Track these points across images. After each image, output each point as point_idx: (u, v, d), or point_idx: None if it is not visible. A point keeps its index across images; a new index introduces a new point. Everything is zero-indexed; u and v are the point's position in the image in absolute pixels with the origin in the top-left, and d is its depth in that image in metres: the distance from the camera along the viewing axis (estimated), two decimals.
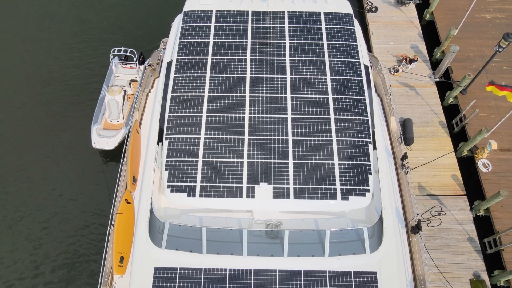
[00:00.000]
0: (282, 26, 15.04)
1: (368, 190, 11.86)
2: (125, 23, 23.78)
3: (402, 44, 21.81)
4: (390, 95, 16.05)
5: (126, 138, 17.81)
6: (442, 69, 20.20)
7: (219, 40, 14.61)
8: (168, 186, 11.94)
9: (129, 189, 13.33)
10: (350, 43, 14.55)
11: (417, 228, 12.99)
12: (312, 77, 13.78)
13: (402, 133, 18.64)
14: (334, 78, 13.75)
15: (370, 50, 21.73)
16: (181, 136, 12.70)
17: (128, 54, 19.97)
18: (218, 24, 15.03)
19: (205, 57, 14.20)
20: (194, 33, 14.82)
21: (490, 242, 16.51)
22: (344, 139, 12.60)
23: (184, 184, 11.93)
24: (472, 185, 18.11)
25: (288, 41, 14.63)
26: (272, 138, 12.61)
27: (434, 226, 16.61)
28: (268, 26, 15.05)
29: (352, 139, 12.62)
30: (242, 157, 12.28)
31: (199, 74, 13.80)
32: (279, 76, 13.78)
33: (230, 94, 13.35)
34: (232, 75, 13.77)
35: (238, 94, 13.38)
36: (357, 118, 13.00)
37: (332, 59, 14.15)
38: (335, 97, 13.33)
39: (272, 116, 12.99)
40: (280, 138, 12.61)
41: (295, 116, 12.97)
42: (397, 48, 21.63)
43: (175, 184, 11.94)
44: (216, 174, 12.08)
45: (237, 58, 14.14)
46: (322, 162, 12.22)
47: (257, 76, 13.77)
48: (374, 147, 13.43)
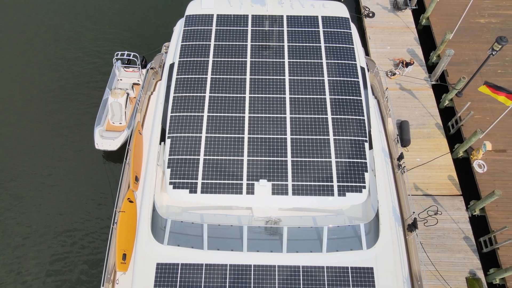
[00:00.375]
0: (281, 29, 15.49)
1: (364, 187, 12.20)
2: (127, 28, 24.26)
3: (398, 48, 22.26)
4: (387, 97, 16.44)
5: (128, 139, 18.19)
6: (438, 72, 20.63)
7: (220, 43, 15.05)
8: (170, 183, 12.28)
9: (131, 188, 13.64)
10: (347, 46, 14.99)
11: (413, 226, 13.27)
12: (310, 78, 14.21)
13: (399, 134, 19.02)
14: (331, 79, 14.16)
15: (368, 54, 22.18)
16: (183, 135, 13.08)
17: (131, 58, 20.39)
18: (219, 27, 15.49)
19: (206, 59, 14.64)
20: (196, 36, 15.27)
21: (486, 241, 16.79)
22: (341, 138, 12.97)
23: (186, 181, 12.27)
24: (467, 185, 18.45)
25: (286, 43, 15.07)
26: (271, 137, 13.00)
27: (431, 226, 16.91)
28: (267, 29, 15.50)
29: (348, 138, 13.00)
30: (242, 155, 12.64)
31: (201, 76, 14.22)
32: (278, 77, 14.20)
33: (231, 95, 13.76)
34: (232, 77, 14.19)
35: (238, 95, 13.78)
36: (353, 117, 13.39)
37: (329, 61, 14.58)
38: (332, 97, 13.73)
39: (271, 115, 13.38)
40: (279, 137, 12.99)
41: (294, 115, 13.37)
42: (394, 52, 22.09)
43: (177, 181, 12.29)
44: (217, 171, 12.44)
45: (237, 60, 14.57)
46: (319, 160, 12.59)
47: (256, 77, 14.19)
48: (371, 147, 13.78)
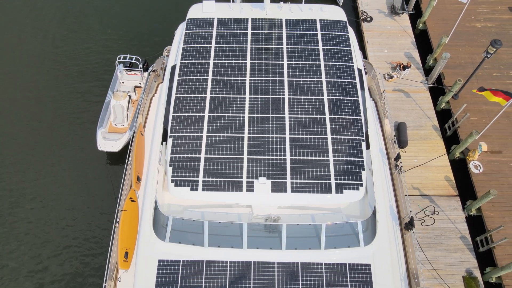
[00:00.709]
0: (280, 32, 15.87)
1: (361, 185, 12.50)
2: (129, 32, 24.66)
3: (396, 52, 22.64)
4: (384, 99, 16.77)
5: (130, 140, 18.51)
6: (434, 75, 20.99)
7: (221, 45, 15.42)
8: (172, 181, 12.58)
9: (133, 188, 13.91)
10: (344, 48, 15.36)
11: (410, 224, 13.53)
12: (308, 79, 14.55)
13: (396, 136, 19.34)
14: (329, 80, 14.52)
15: (366, 58, 22.56)
16: (184, 134, 13.40)
17: (133, 61, 20.78)
18: (219, 30, 15.87)
19: (207, 61, 15.00)
20: (197, 39, 15.64)
21: (482, 240, 17.04)
22: (338, 137, 13.29)
23: (187, 179, 12.57)
24: (464, 186, 18.73)
25: (285, 46, 15.44)
26: (270, 136, 13.31)
27: (428, 225, 17.16)
28: (267, 32, 15.88)
29: (346, 137, 13.31)
30: (242, 153, 12.95)
31: (202, 77, 14.57)
32: (277, 78, 14.55)
33: (231, 95, 14.10)
34: (233, 78, 14.54)
35: (239, 96, 14.13)
36: (350, 117, 13.71)
37: (327, 63, 14.93)
38: (330, 98, 14.07)
39: (270, 115, 13.71)
40: (278, 136, 13.31)
41: (292, 115, 13.70)
42: (391, 55, 22.47)
43: (179, 179, 12.59)
44: (217, 169, 12.74)
45: (237, 62, 14.93)
46: (317, 158, 12.89)
47: (256, 78, 14.54)
48: (368, 147, 14.09)
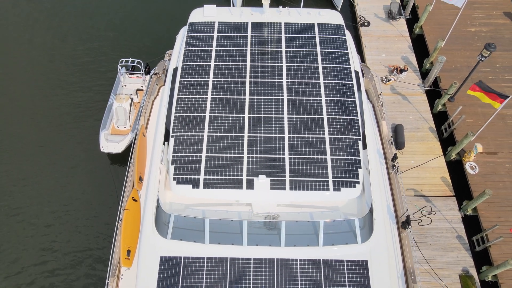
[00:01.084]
0: (279, 35, 16.30)
1: (358, 182, 12.83)
2: (131, 36, 25.12)
3: (393, 55, 23.07)
4: (381, 102, 17.15)
5: (133, 141, 18.85)
6: (431, 78, 21.39)
7: (221, 48, 15.84)
8: (174, 179, 12.91)
9: (136, 187, 14.21)
10: (342, 51, 15.77)
11: (406, 223, 13.82)
12: (306, 81, 14.95)
13: (394, 138, 19.69)
14: (326, 82, 14.91)
15: (364, 61, 22.97)
16: (186, 134, 13.76)
17: (135, 65, 21.17)
18: (220, 34, 16.30)
19: (208, 63, 15.40)
20: (198, 42, 16.06)
21: (478, 240, 17.32)
22: (335, 136, 13.65)
23: (189, 177, 12.91)
24: (460, 186, 19.04)
25: (284, 49, 15.86)
26: (270, 135, 13.68)
27: (425, 225, 17.45)
28: (266, 36, 16.31)
29: (343, 137, 13.67)
30: (242, 152, 13.30)
31: (203, 79, 14.97)
32: (276, 80, 14.95)
33: (232, 97, 14.49)
34: (233, 80, 14.93)
35: (239, 97, 14.51)
36: (347, 117, 14.09)
37: (325, 65, 15.34)
38: (328, 99, 14.46)
39: (270, 116, 14.09)
40: (277, 135, 13.67)
41: (291, 116, 14.07)
42: (388, 59, 22.89)
43: (181, 177, 12.92)
44: (218, 168, 13.08)
45: (237, 64, 15.33)
46: (315, 157, 13.24)
47: (256, 80, 14.94)
48: (365, 146, 14.43)
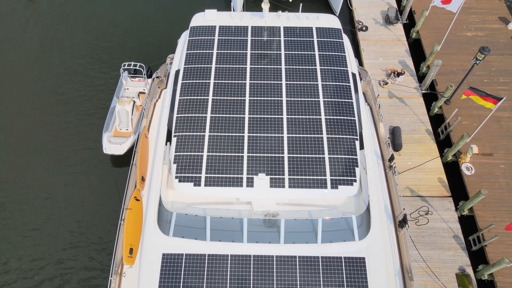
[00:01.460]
0: (278, 39, 16.73)
1: (355, 180, 13.17)
2: (134, 41, 25.56)
3: (390, 59, 23.49)
4: (379, 104, 17.52)
5: (135, 143, 19.20)
6: (427, 81, 21.79)
7: (222, 51, 16.27)
8: (176, 177, 13.25)
9: (138, 187, 14.54)
10: (339, 54, 16.19)
11: (403, 222, 14.11)
12: (305, 83, 15.36)
13: (391, 139, 20.05)
14: (324, 84, 15.31)
15: (361, 65, 23.39)
16: (188, 134, 14.13)
17: (137, 68, 21.57)
18: (221, 37, 16.73)
19: (209, 65, 15.82)
20: (200, 45, 16.50)
21: (475, 239, 17.60)
22: (333, 136, 14.02)
23: (190, 175, 13.24)
24: (456, 187, 19.37)
25: (283, 52, 16.28)
26: (269, 135, 14.04)
27: (422, 225, 17.73)
28: (265, 39, 16.74)
29: (340, 136, 14.04)
30: (243, 152, 13.66)
31: (204, 80, 15.37)
32: (276, 82, 15.35)
33: (232, 98, 14.89)
34: (233, 81, 15.34)
35: (239, 98, 14.91)
36: (345, 118, 14.47)
37: (323, 68, 15.75)
38: (326, 100, 14.85)
39: (269, 116, 14.47)
40: (276, 135, 14.04)
41: (290, 116, 14.46)
42: (386, 63, 23.31)
43: (183, 175, 13.26)
44: (219, 166, 13.43)
45: (238, 66, 15.75)
46: (314, 156, 13.60)
47: (256, 82, 15.34)
48: (362, 147, 14.79)
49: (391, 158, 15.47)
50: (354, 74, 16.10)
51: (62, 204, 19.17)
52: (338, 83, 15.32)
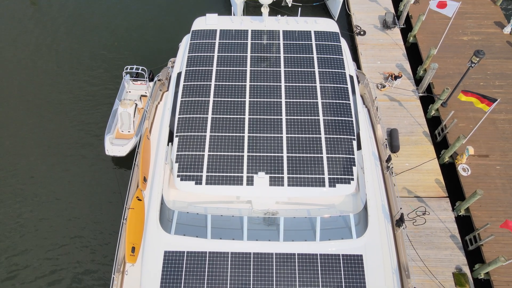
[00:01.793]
0: (277, 42, 17.14)
1: (352, 179, 13.48)
2: (136, 45, 25.97)
3: (388, 63, 23.89)
4: (376, 106, 17.87)
5: (137, 144, 19.52)
6: (424, 84, 22.17)
7: (223, 54, 16.66)
8: (178, 176, 13.56)
9: (140, 187, 14.84)
10: (337, 57, 16.59)
11: (400, 221, 14.40)
12: (303, 84, 15.73)
13: (389, 141, 20.38)
14: (322, 85, 15.69)
15: (360, 68, 23.78)
16: (189, 134, 14.48)
17: (139, 72, 21.96)
18: (222, 41, 17.14)
19: (210, 68, 16.21)
20: (201, 48, 16.89)
21: (471, 239, 17.86)
22: (331, 136, 14.37)
23: (192, 174, 13.57)
24: (453, 188, 19.66)
25: (282, 55, 16.68)
26: (269, 135, 14.39)
27: (419, 225, 18.00)
28: (265, 42, 17.15)
29: (338, 136, 14.39)
30: (243, 151, 14.00)
31: (205, 82, 15.75)
32: (275, 84, 15.73)
33: (233, 99, 15.26)
34: (234, 83, 15.72)
35: (239, 99, 15.27)
36: (342, 119, 14.82)
37: (321, 70, 16.14)
38: (324, 101, 15.22)
39: (269, 117, 14.82)
40: (276, 135, 14.38)
41: (289, 117, 14.82)
42: (383, 66, 23.71)
43: (184, 174, 13.58)
44: (220, 165, 13.75)
45: (238, 69, 16.14)
46: (312, 155, 13.93)
47: (255, 84, 15.72)
48: (359, 147, 15.12)
49: (388, 159, 15.78)
50: (351, 76, 16.48)
51: (65, 203, 19.48)
52: (335, 85, 15.70)
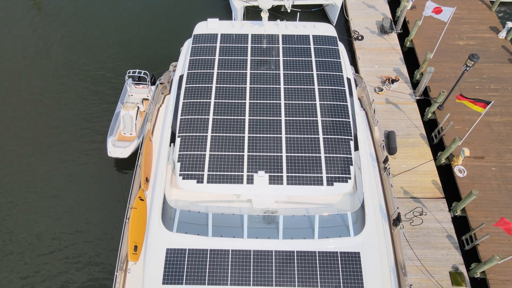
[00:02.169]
0: (276, 46, 17.60)
1: (349, 178, 13.84)
2: (138, 49, 26.42)
3: (385, 67, 24.33)
4: (374, 109, 18.27)
5: (139, 147, 19.90)
6: (421, 88, 22.59)
7: (224, 57, 17.11)
8: (180, 175, 13.92)
9: (142, 187, 15.17)
10: (334, 60, 17.03)
11: (397, 220, 14.73)
12: (302, 87, 16.16)
13: (386, 143, 20.75)
14: (320, 88, 16.11)
15: (357, 73, 24.20)
16: (191, 134, 14.86)
17: (141, 76, 22.36)
18: (222, 45, 17.60)
19: (211, 71, 16.64)
20: (202, 52, 17.34)
21: (467, 239, 18.16)
22: (329, 137, 14.75)
23: (194, 172, 13.93)
24: (450, 189, 20.01)
25: (282, 58, 17.13)
26: (268, 135, 14.78)
27: (416, 225, 18.31)
28: (265, 46, 17.61)
29: (335, 137, 14.77)
30: (243, 151, 14.37)
31: (207, 85, 16.17)
32: (274, 86, 16.15)
33: (233, 101, 15.67)
34: (234, 86, 16.14)
35: (240, 101, 15.69)
36: (340, 120, 15.22)
37: (319, 73, 16.57)
38: (322, 103, 15.63)
39: (268, 118, 15.22)
40: (275, 135, 14.77)
41: (288, 118, 15.22)
42: (381, 70, 24.14)
43: (186, 173, 13.94)
44: (221, 165, 14.12)
45: (238, 72, 16.58)
46: (310, 155, 14.31)
47: (255, 86, 16.15)
48: (356, 148, 15.49)
49: (386, 160, 16.14)
50: (349, 79, 16.90)
51: (68, 203, 19.80)
52: (333, 87, 16.12)
